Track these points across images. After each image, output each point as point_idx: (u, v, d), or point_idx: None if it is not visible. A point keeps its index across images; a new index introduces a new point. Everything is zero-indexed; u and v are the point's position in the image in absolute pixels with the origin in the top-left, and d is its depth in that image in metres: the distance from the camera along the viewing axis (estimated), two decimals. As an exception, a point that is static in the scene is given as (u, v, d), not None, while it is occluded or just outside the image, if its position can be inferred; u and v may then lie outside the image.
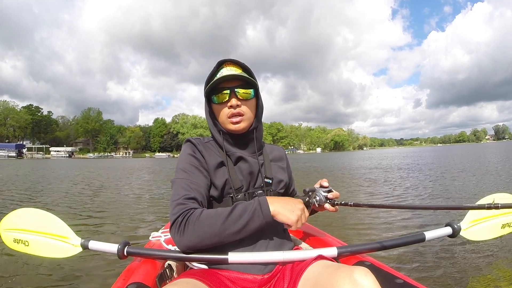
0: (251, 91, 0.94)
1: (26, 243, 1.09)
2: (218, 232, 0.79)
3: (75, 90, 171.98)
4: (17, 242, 1.11)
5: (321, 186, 0.96)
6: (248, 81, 0.92)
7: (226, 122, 0.93)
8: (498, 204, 0.57)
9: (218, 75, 0.91)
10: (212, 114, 0.98)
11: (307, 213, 0.89)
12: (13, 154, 53.99)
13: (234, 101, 0.90)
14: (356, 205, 0.90)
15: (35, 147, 69.11)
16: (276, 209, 0.82)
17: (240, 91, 0.91)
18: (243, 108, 0.92)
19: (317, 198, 0.93)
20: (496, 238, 1.31)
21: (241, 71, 0.93)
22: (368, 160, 19.31)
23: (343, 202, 0.92)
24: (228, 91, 0.91)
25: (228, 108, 0.91)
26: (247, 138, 0.98)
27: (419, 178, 7.39)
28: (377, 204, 0.92)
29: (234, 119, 0.92)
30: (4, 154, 53.42)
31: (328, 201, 0.93)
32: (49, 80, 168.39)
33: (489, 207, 0.58)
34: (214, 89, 0.92)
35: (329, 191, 0.94)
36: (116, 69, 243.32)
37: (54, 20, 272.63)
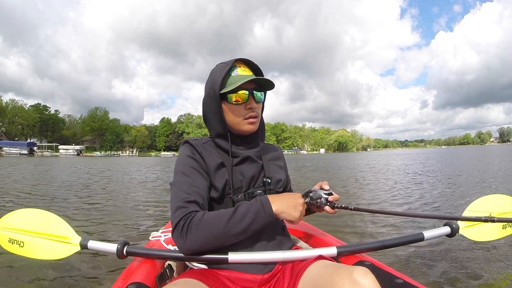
0: (263, 94, 0.96)
1: (21, 244, 1.07)
2: (221, 235, 0.79)
3: (80, 88, 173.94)
4: (12, 243, 1.09)
5: (322, 189, 0.97)
6: (263, 85, 0.93)
7: (242, 123, 0.93)
8: (494, 218, 0.57)
9: (233, 74, 0.91)
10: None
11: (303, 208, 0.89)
12: (25, 151, 55.57)
13: (254, 103, 0.91)
14: (356, 209, 0.90)
15: (44, 145, 70.38)
16: (278, 208, 0.82)
17: (258, 94, 0.92)
18: (257, 111, 0.94)
19: (318, 200, 0.94)
20: (496, 239, 1.27)
21: (251, 73, 0.94)
22: (359, 160, 20.09)
23: (343, 206, 0.92)
24: (247, 92, 0.90)
25: (246, 109, 0.92)
26: (252, 138, 0.99)
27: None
28: (378, 210, 0.92)
29: (252, 120, 0.93)
30: (16, 151, 54.89)
31: (328, 203, 0.94)
32: (54, 78, 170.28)
33: (485, 220, 0.58)
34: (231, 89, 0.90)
35: (330, 194, 0.95)
36: (121, 67, 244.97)
37: (58, 17, 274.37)
